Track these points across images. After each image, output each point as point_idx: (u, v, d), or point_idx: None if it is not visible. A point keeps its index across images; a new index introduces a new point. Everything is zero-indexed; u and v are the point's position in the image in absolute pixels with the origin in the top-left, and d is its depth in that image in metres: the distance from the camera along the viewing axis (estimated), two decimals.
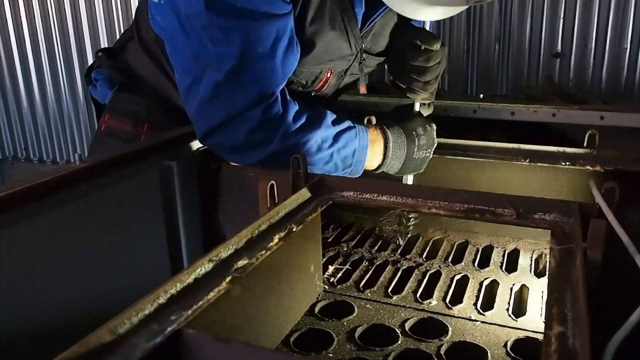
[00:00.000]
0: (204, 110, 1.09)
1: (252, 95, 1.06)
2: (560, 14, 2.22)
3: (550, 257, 0.72)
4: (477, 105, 1.52)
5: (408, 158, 1.21)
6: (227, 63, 1.03)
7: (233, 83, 1.05)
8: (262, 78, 1.06)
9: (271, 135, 1.08)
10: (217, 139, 1.10)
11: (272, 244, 0.74)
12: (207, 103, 1.07)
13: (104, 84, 1.37)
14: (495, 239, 1.30)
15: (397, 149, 1.20)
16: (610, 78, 2.22)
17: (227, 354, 0.51)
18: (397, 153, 1.20)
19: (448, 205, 0.90)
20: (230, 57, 1.03)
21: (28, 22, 3.32)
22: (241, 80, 1.05)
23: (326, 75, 1.24)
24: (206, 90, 1.06)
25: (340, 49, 1.20)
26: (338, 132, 1.13)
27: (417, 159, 1.22)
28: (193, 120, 1.12)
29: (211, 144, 1.12)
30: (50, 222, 0.84)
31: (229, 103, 1.06)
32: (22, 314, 0.81)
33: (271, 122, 1.08)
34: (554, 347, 0.52)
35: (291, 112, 1.10)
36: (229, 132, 1.08)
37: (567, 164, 1.17)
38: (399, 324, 0.96)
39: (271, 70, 1.06)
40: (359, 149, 1.16)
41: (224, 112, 1.07)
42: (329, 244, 1.30)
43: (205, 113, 1.09)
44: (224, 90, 1.05)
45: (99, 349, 0.48)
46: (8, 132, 3.67)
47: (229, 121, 1.07)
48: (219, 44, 1.03)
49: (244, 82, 1.05)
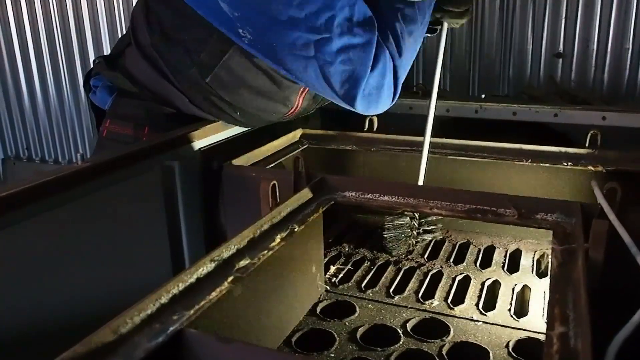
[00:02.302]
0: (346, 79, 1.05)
1: (370, 50, 1.04)
2: (562, 14, 2.21)
3: (552, 257, 0.72)
4: (478, 106, 1.51)
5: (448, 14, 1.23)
6: (326, 45, 1.00)
7: (348, 45, 1.02)
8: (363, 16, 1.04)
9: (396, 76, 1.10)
10: (369, 102, 1.08)
11: (274, 244, 0.74)
12: (339, 79, 1.05)
13: (103, 90, 1.37)
14: (497, 239, 1.30)
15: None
16: (612, 78, 2.21)
17: (229, 353, 0.51)
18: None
19: (450, 205, 0.90)
20: (325, 39, 1.00)
21: (30, 21, 3.33)
22: (353, 40, 1.02)
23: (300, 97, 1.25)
24: (331, 59, 1.03)
25: None
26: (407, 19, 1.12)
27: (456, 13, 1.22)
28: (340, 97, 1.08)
29: (365, 108, 1.10)
30: (52, 222, 0.84)
31: (359, 65, 1.04)
32: (24, 313, 0.81)
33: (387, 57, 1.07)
34: (555, 347, 0.52)
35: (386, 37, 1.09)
36: (375, 90, 1.07)
37: (569, 164, 1.17)
38: (400, 324, 0.96)
39: (365, 15, 1.04)
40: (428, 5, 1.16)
41: (362, 68, 1.04)
42: (330, 244, 1.30)
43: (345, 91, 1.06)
44: (347, 49, 1.03)
45: (101, 349, 0.48)
46: (10, 131, 3.67)
47: (367, 82, 1.05)
48: (310, 31, 1.00)
49: (357, 40, 1.03)
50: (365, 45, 1.04)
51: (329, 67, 1.03)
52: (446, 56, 2.46)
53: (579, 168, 1.17)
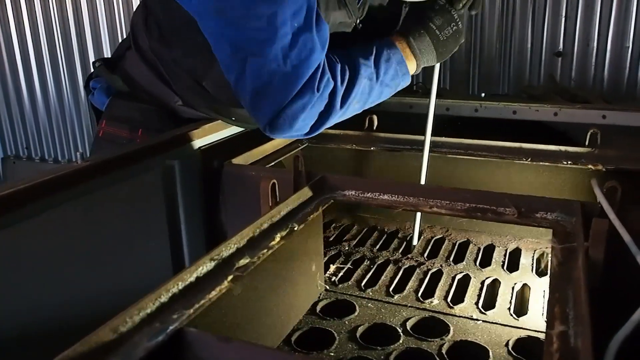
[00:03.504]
0: (259, 100, 1.07)
1: (302, 72, 1.04)
2: (562, 13, 2.21)
3: (552, 256, 0.72)
4: (479, 104, 1.51)
5: (437, 43, 1.20)
6: (268, 47, 1.01)
7: (280, 65, 1.03)
8: (306, 53, 1.04)
9: (331, 105, 1.08)
10: (283, 125, 1.08)
11: (273, 243, 0.74)
12: (260, 94, 1.06)
13: (101, 91, 1.38)
14: (497, 238, 1.30)
15: (421, 43, 1.19)
16: (612, 77, 2.21)
17: (228, 352, 0.51)
18: (424, 47, 1.20)
19: (450, 204, 0.90)
20: (270, 41, 1.01)
21: (29, 21, 3.32)
22: (287, 61, 1.03)
23: None
24: (256, 80, 1.04)
25: (342, 22, 1.21)
26: (375, 63, 1.13)
27: (446, 38, 1.20)
28: (251, 113, 1.10)
29: (277, 131, 1.10)
30: (52, 221, 0.84)
31: (284, 85, 1.04)
32: (25, 312, 0.81)
33: (327, 90, 1.07)
34: (555, 346, 0.52)
35: (338, 75, 1.09)
36: (293, 114, 1.06)
37: (569, 163, 1.17)
38: (400, 323, 0.96)
39: (311, 42, 1.04)
40: (398, 64, 1.17)
41: (280, 97, 1.05)
42: (330, 243, 1.30)
43: (262, 102, 1.07)
44: (274, 75, 1.03)
45: (101, 348, 0.48)
46: (10, 130, 3.67)
47: (288, 104, 1.05)
48: (255, 30, 1.01)
49: (290, 62, 1.03)
50: (291, 75, 1.04)
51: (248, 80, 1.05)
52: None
53: (578, 167, 1.17)
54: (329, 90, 1.07)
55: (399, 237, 1.32)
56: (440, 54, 1.21)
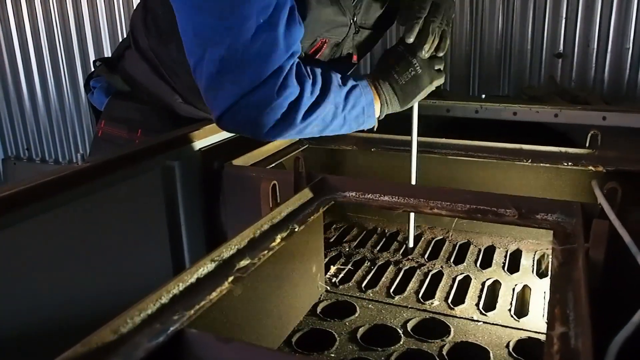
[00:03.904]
0: (212, 89, 1.05)
1: (259, 68, 1.02)
2: (563, 14, 2.21)
3: (552, 257, 0.72)
4: (479, 106, 1.52)
5: (397, 88, 1.20)
6: (228, 36, 0.99)
7: (237, 57, 1.01)
8: (267, 50, 1.02)
9: (291, 111, 1.06)
10: (235, 119, 1.06)
11: (274, 244, 0.74)
12: (215, 81, 1.04)
13: (101, 91, 1.38)
14: (498, 240, 1.30)
15: (382, 87, 1.19)
16: (612, 78, 2.22)
17: (229, 353, 0.51)
18: (386, 91, 1.19)
19: (450, 205, 0.90)
20: (231, 29, 0.99)
21: (30, 21, 3.33)
22: (245, 53, 1.01)
23: (320, 42, 1.23)
24: (212, 68, 1.03)
25: (334, 19, 1.19)
26: (346, 93, 1.12)
27: (405, 83, 1.20)
28: (206, 103, 1.08)
29: (229, 126, 1.09)
30: (52, 222, 0.84)
31: (238, 78, 1.02)
32: (25, 313, 0.81)
33: (289, 97, 1.05)
34: (556, 347, 0.52)
35: (307, 85, 1.07)
36: (246, 110, 1.04)
37: (569, 165, 1.17)
38: (401, 324, 0.96)
39: (274, 40, 1.02)
40: (367, 104, 1.16)
41: (235, 89, 1.03)
42: (331, 244, 1.30)
43: (216, 92, 1.05)
44: (229, 65, 1.02)
45: (102, 349, 0.48)
46: (10, 131, 3.67)
47: (242, 98, 1.03)
48: (217, 17, 1.00)
49: (248, 55, 1.01)
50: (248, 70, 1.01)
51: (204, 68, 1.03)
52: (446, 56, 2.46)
53: (579, 168, 1.17)
54: (291, 100, 1.04)
55: (399, 239, 1.32)
56: (403, 100, 1.20)
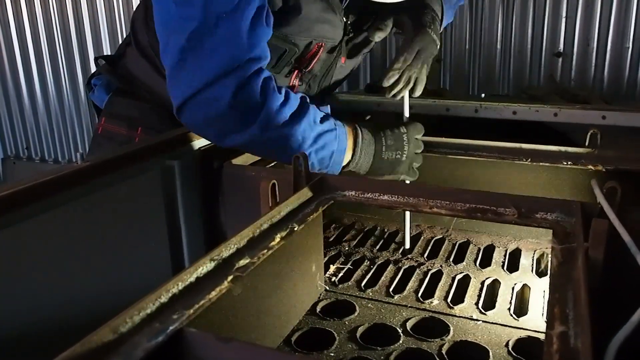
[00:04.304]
0: (173, 78, 1.04)
1: (219, 62, 1.00)
2: (562, 14, 2.21)
3: (551, 256, 0.72)
4: (478, 105, 1.51)
5: (376, 157, 1.17)
6: (189, 25, 0.98)
7: (197, 47, 1.00)
8: (227, 43, 1.00)
9: (248, 119, 1.03)
10: (191, 113, 1.04)
11: (273, 243, 0.74)
12: (176, 70, 1.03)
13: (102, 89, 1.39)
14: (497, 239, 1.30)
15: (365, 146, 1.16)
16: (612, 77, 2.22)
17: (228, 353, 0.51)
18: (366, 150, 1.17)
19: (450, 204, 0.90)
20: (192, 19, 0.98)
21: (30, 21, 3.33)
22: (205, 44, 0.99)
23: (316, 46, 1.23)
24: (173, 57, 1.02)
25: (327, 20, 1.19)
26: (320, 134, 1.10)
27: (386, 159, 1.18)
28: (168, 91, 1.07)
29: (186, 120, 1.07)
30: (52, 222, 0.84)
31: (197, 70, 1.01)
32: (24, 312, 0.81)
33: (248, 104, 1.02)
34: (555, 346, 0.52)
35: (274, 100, 1.04)
36: (202, 105, 1.02)
37: (569, 164, 1.17)
38: (400, 324, 0.96)
39: (235, 34, 1.00)
40: (337, 152, 1.13)
41: (193, 81, 1.01)
42: (330, 243, 1.30)
43: (176, 82, 1.04)
44: (189, 56, 1.00)
45: (101, 348, 0.48)
46: (10, 131, 3.67)
47: (199, 92, 1.01)
48: (180, 5, 0.99)
49: (208, 46, 0.99)
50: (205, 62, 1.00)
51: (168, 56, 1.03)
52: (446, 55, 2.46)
53: (578, 167, 1.17)
54: (250, 106, 1.03)
55: (398, 238, 1.32)
56: (372, 170, 1.18)
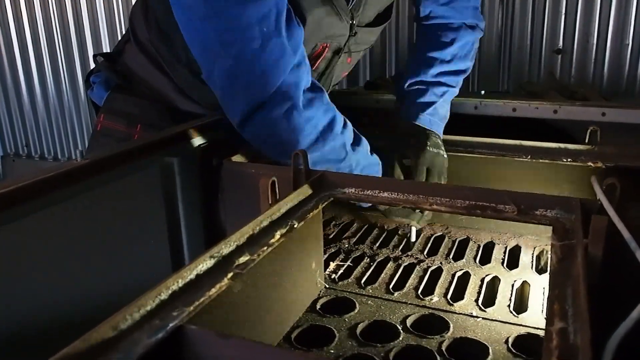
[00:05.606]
0: (225, 102, 1.07)
1: (270, 76, 1.02)
2: (562, 10, 2.21)
3: (551, 253, 0.72)
4: (478, 102, 1.52)
5: None
6: (234, 48, 1.00)
7: (246, 67, 1.01)
8: (275, 57, 1.02)
9: (317, 139, 1.09)
10: (252, 131, 1.09)
11: (273, 240, 0.74)
12: (227, 93, 1.06)
13: (100, 86, 1.39)
14: (497, 236, 1.30)
15: None
16: (611, 74, 2.21)
17: (228, 349, 0.51)
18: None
19: (449, 201, 0.90)
20: (234, 42, 0.99)
21: (29, 18, 3.32)
22: (255, 62, 1.01)
23: (321, 47, 1.23)
24: (223, 80, 1.04)
25: (332, 24, 1.19)
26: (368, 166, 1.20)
27: None
28: (224, 111, 1.11)
29: (249, 139, 1.11)
30: (52, 219, 0.84)
31: (248, 90, 1.03)
32: (24, 310, 0.81)
33: (305, 118, 1.07)
34: (555, 342, 0.52)
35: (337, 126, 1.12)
36: (259, 123, 1.06)
37: (569, 161, 1.17)
38: (400, 321, 0.96)
39: (281, 48, 1.02)
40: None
41: (246, 100, 1.04)
42: (330, 240, 1.30)
43: (227, 104, 1.07)
44: (238, 76, 1.02)
45: (101, 345, 0.48)
46: (9, 128, 3.67)
47: (255, 113, 1.05)
48: (220, 31, 1.00)
49: (258, 64, 1.01)
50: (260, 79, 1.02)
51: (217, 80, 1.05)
52: None
53: (578, 164, 1.17)
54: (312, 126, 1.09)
55: (398, 235, 1.32)
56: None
